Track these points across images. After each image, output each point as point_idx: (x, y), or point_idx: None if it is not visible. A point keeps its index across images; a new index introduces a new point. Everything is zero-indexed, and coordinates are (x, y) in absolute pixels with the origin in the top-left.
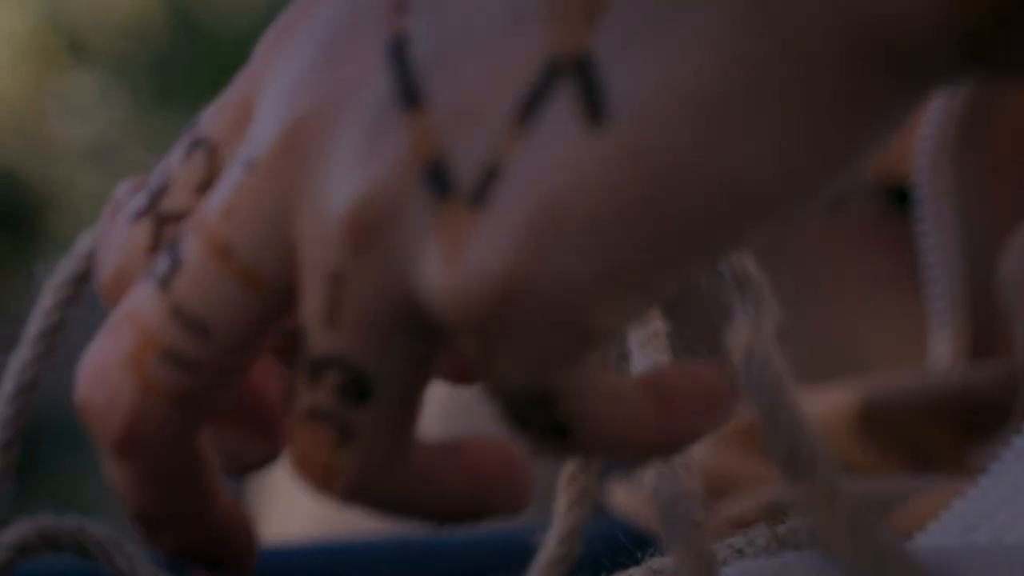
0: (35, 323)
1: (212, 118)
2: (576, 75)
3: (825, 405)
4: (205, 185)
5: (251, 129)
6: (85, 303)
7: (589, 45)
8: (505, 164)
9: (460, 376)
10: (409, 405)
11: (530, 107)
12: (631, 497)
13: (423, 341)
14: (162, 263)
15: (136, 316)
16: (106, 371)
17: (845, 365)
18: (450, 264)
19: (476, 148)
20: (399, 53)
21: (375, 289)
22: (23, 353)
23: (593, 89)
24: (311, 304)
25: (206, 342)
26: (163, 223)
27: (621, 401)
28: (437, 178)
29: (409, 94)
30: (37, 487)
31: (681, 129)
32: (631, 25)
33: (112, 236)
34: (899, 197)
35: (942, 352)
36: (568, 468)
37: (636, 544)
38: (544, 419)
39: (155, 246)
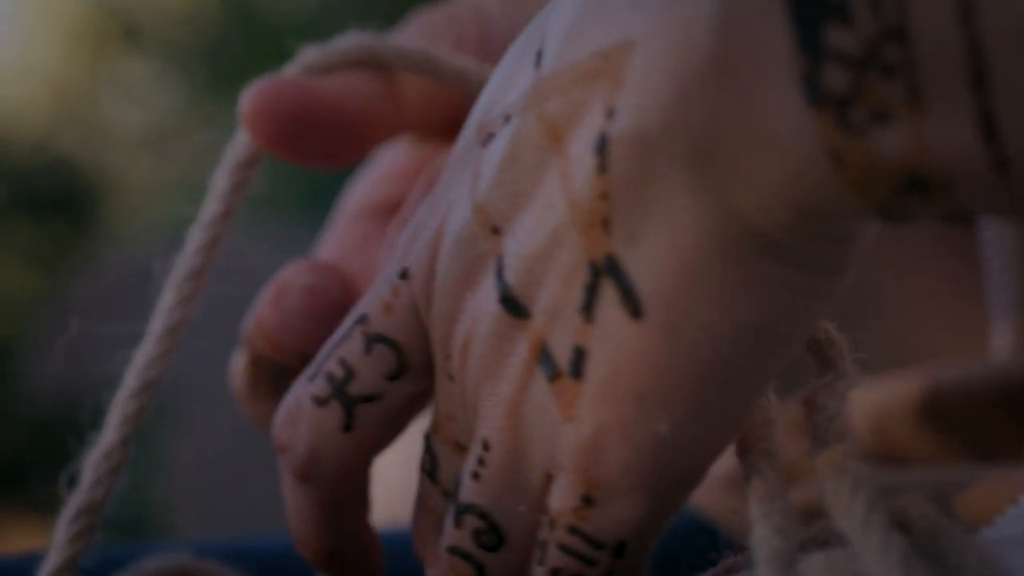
0: (158, 320)
1: (384, 319)
2: (611, 275)
3: (887, 394)
4: (396, 374)
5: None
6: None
7: (612, 248)
8: (586, 348)
9: None
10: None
11: (589, 304)
12: (701, 490)
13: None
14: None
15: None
16: (423, 535)
17: (907, 356)
18: (567, 426)
19: (565, 337)
20: (500, 276)
21: (512, 454)
22: (147, 350)
23: (626, 288)
24: (468, 459)
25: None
26: (355, 405)
27: None
28: (547, 364)
29: (518, 311)
30: None
31: (694, 299)
32: (630, 226)
33: (299, 416)
34: None
35: (1004, 343)
36: None
37: (706, 535)
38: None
39: (350, 425)
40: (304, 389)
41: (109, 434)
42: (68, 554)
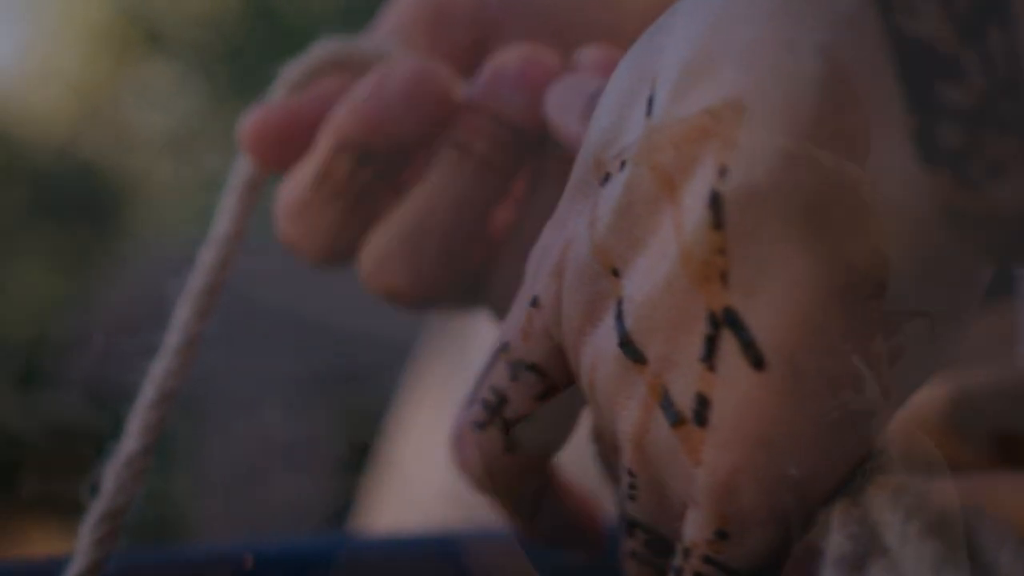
0: (174, 334)
1: (523, 346)
2: (730, 326)
3: (914, 399)
4: (545, 394)
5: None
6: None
7: (730, 300)
8: (709, 397)
9: None
10: None
11: (710, 354)
12: None
13: None
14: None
15: None
16: None
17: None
18: (696, 471)
19: (686, 385)
20: (620, 319)
21: (652, 484)
22: (165, 363)
23: (747, 341)
24: (622, 480)
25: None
26: (510, 426)
27: None
28: (669, 409)
29: (636, 356)
30: None
31: (814, 350)
32: (747, 280)
33: (466, 440)
34: None
35: None
36: None
37: None
38: None
39: (508, 446)
40: (465, 415)
41: (130, 443)
42: (91, 559)
